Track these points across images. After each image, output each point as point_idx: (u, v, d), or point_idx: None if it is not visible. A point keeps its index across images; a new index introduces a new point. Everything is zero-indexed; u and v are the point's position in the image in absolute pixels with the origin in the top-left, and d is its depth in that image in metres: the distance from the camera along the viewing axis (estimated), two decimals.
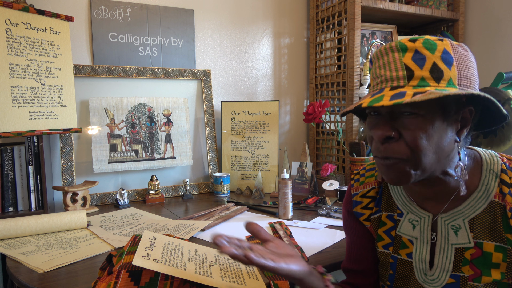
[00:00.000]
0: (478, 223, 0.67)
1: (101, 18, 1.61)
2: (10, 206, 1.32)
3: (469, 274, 0.66)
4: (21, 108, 1.25)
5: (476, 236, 0.67)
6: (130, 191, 1.61)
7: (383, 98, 0.60)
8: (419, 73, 0.61)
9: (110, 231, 1.17)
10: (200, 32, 1.83)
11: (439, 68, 0.61)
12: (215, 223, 1.25)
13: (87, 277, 0.86)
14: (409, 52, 0.62)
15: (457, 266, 0.67)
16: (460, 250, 0.68)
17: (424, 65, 0.61)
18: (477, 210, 0.67)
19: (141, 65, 1.69)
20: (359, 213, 0.81)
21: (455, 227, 0.69)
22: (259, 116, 1.78)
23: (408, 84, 0.62)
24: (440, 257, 0.69)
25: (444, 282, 0.68)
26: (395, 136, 0.63)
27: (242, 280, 0.78)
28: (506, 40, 1.88)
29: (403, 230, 0.75)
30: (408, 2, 1.97)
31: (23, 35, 1.26)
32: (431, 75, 0.61)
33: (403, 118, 0.62)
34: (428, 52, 0.61)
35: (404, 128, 0.62)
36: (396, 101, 0.58)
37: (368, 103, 0.61)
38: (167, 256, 0.78)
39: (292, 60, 2.10)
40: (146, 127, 1.64)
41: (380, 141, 0.64)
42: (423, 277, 0.71)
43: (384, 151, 0.64)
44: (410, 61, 0.62)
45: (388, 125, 0.63)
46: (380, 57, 0.66)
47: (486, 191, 0.67)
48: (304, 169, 1.69)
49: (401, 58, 0.63)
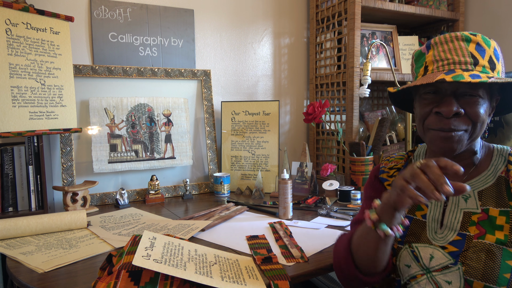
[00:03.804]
0: (486, 194, 0.78)
1: (101, 18, 1.61)
2: (10, 206, 1.32)
3: (474, 233, 0.75)
4: (21, 108, 1.25)
5: (484, 204, 0.77)
6: (130, 191, 1.61)
7: (464, 76, 0.70)
8: (482, 62, 0.74)
9: (110, 231, 1.17)
10: (200, 32, 1.83)
11: (493, 61, 0.75)
12: (215, 223, 1.25)
13: (87, 277, 0.86)
14: (472, 43, 0.75)
15: (464, 226, 0.77)
16: (468, 213, 0.78)
17: (485, 56, 0.74)
18: (486, 184, 0.79)
19: (141, 65, 1.69)
20: (384, 179, 0.93)
21: (465, 196, 0.79)
22: (259, 116, 1.78)
23: (475, 69, 0.74)
24: (449, 217, 0.80)
25: (451, 239, 0.77)
26: (462, 113, 0.74)
27: (242, 280, 0.78)
28: (506, 40, 1.88)
29: None
30: (408, 2, 1.97)
31: (23, 35, 1.26)
32: (489, 65, 0.75)
33: (467, 98, 0.74)
34: (486, 46, 0.75)
35: (468, 105, 0.75)
36: (481, 80, 0.69)
37: (452, 77, 0.70)
38: (167, 256, 0.78)
39: (292, 60, 2.10)
40: (146, 127, 1.64)
41: (447, 116, 0.75)
42: (433, 235, 0.80)
43: (450, 125, 0.75)
44: (475, 51, 0.75)
45: (454, 103, 0.74)
46: (445, 43, 0.77)
47: (495, 170, 0.80)
48: (304, 169, 1.69)
49: (466, 46, 0.75)
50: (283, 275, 0.85)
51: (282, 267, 0.89)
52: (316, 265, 0.93)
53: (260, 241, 1.07)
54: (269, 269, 0.87)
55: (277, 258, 0.94)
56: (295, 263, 0.93)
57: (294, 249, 1.01)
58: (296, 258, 0.96)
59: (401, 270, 0.84)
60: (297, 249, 1.01)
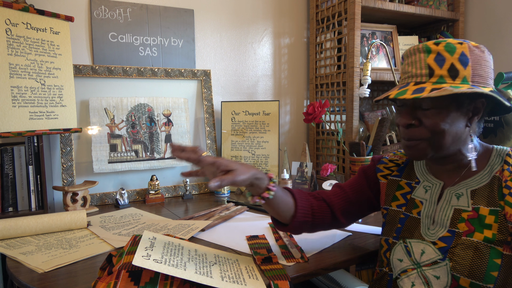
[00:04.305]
0: (478, 193, 0.79)
1: (101, 18, 1.61)
2: (10, 206, 1.32)
3: (464, 230, 0.77)
4: (21, 108, 1.25)
5: (475, 203, 0.78)
6: (130, 191, 1.61)
7: (406, 92, 0.76)
8: (439, 72, 0.75)
9: (110, 231, 1.17)
10: (200, 32, 1.83)
11: (455, 68, 0.75)
12: (215, 223, 1.25)
13: (87, 277, 0.86)
14: (432, 54, 0.76)
15: (453, 222, 0.79)
16: (458, 210, 0.80)
17: (444, 65, 0.75)
18: (480, 184, 0.80)
19: (141, 65, 1.69)
20: (379, 169, 0.98)
21: (458, 194, 0.81)
22: (259, 116, 1.78)
23: (428, 80, 0.76)
24: (440, 214, 0.82)
25: (441, 235, 0.79)
26: (416, 123, 0.79)
27: (242, 280, 0.78)
28: (506, 40, 1.88)
29: (417, 194, 0.89)
30: (408, 2, 1.97)
31: (23, 35, 1.26)
32: (449, 73, 0.75)
33: (423, 110, 0.77)
34: (448, 54, 0.75)
35: (424, 116, 0.78)
36: (416, 95, 0.73)
37: (395, 95, 0.77)
38: (167, 256, 0.78)
39: (292, 60, 2.10)
40: (146, 127, 1.64)
41: (404, 127, 0.81)
42: (426, 231, 0.83)
43: (407, 134, 0.81)
44: (432, 62, 0.76)
45: (410, 114, 0.79)
46: (410, 55, 0.80)
47: (491, 170, 0.81)
48: (304, 169, 1.69)
49: (425, 58, 0.77)
50: (283, 275, 0.85)
51: (282, 267, 0.89)
52: (316, 265, 0.93)
53: (260, 241, 1.07)
54: (269, 269, 0.88)
55: (277, 258, 0.94)
56: (295, 263, 0.93)
57: (294, 249, 1.01)
58: (296, 258, 0.96)
59: (394, 264, 0.86)
60: (297, 249, 1.01)
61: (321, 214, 0.96)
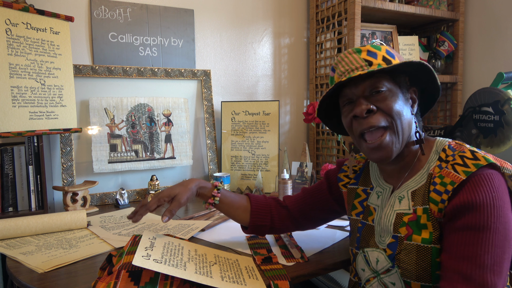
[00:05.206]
0: (417, 194, 0.78)
1: (101, 18, 1.61)
2: (10, 206, 1.32)
3: (404, 234, 0.76)
4: (21, 108, 1.25)
5: (415, 204, 0.77)
6: (130, 191, 1.61)
7: (355, 73, 0.76)
8: (376, 62, 0.78)
9: (110, 231, 1.17)
10: (200, 32, 1.83)
11: (387, 59, 0.79)
12: (215, 223, 1.25)
13: (87, 277, 0.86)
14: (363, 52, 0.80)
15: (395, 227, 0.78)
16: (400, 214, 0.78)
17: (377, 57, 0.79)
18: (419, 184, 0.78)
19: (141, 65, 1.69)
20: (340, 178, 0.98)
21: (400, 197, 0.80)
22: (259, 116, 1.78)
23: (369, 68, 0.77)
24: (384, 220, 0.81)
25: (388, 242, 0.79)
26: (373, 109, 0.77)
27: (242, 280, 0.78)
28: (506, 40, 1.88)
29: (371, 200, 0.88)
30: (408, 2, 1.97)
31: (23, 35, 1.26)
32: (384, 62, 0.78)
33: (375, 96, 0.78)
34: (376, 50, 0.80)
35: (378, 102, 0.78)
36: (370, 69, 0.75)
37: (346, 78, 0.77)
38: (167, 256, 0.78)
39: (292, 60, 2.10)
40: (146, 127, 1.64)
41: (362, 116, 0.78)
42: (379, 238, 0.82)
43: (368, 123, 0.78)
44: (367, 56, 0.79)
45: (363, 102, 0.78)
46: (341, 60, 0.82)
47: (428, 168, 0.79)
48: (304, 169, 1.69)
49: (359, 56, 0.80)
50: (283, 275, 0.85)
51: (282, 267, 0.89)
52: (316, 265, 0.93)
53: (260, 241, 1.07)
54: (269, 269, 0.88)
55: (277, 258, 0.94)
56: (295, 263, 0.93)
57: (294, 249, 1.01)
58: (296, 258, 0.96)
59: (359, 274, 0.87)
60: (297, 249, 1.01)
61: (280, 218, 1.01)
